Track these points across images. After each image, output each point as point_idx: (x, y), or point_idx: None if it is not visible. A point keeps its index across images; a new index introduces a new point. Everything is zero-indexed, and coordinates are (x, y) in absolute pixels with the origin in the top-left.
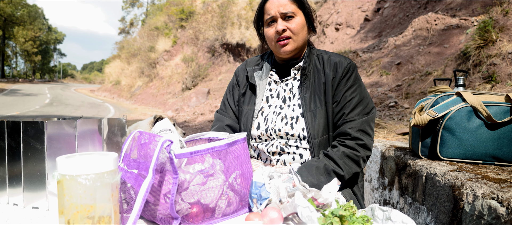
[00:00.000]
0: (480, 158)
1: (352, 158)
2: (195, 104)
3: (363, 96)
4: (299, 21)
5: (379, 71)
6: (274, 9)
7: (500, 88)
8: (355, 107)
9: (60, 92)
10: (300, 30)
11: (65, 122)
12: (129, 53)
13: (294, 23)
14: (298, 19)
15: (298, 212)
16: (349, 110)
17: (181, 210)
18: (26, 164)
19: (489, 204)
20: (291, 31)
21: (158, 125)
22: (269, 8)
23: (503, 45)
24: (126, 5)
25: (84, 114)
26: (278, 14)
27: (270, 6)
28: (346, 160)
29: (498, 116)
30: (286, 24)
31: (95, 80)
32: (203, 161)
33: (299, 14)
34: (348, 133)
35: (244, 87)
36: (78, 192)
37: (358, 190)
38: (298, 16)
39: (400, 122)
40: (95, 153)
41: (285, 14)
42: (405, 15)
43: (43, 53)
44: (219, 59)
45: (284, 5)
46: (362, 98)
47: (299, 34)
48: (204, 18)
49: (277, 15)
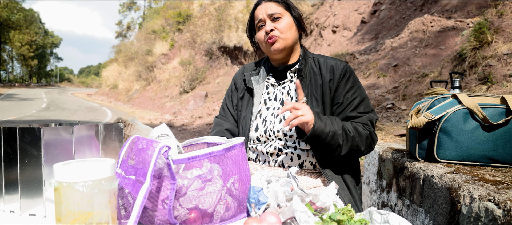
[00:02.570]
0: (477, 160)
1: (360, 130)
2: (193, 108)
3: (364, 97)
4: (286, 21)
5: (376, 73)
6: (262, 13)
7: (496, 89)
8: (357, 107)
9: (57, 96)
10: (287, 29)
11: (62, 128)
12: (126, 57)
13: (281, 23)
14: (285, 18)
15: (296, 217)
16: (350, 110)
17: (179, 215)
18: (23, 170)
19: (486, 206)
20: (279, 30)
21: (155, 130)
22: (258, 13)
23: (499, 46)
24: (123, 9)
25: (81, 119)
26: (266, 16)
27: (259, 11)
28: (357, 126)
29: (494, 117)
30: (273, 25)
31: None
32: (201, 166)
33: (286, 15)
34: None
35: (242, 92)
36: (75, 199)
37: (355, 192)
38: (285, 16)
39: (397, 123)
40: (92, 159)
41: (272, 15)
42: (401, 17)
43: (40, 57)
44: (216, 62)
45: (270, 7)
46: (363, 98)
47: (287, 32)
48: (201, 21)
49: (265, 17)
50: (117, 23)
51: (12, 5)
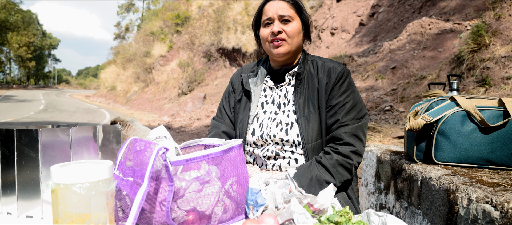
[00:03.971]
0: (474, 162)
1: (345, 166)
2: (191, 109)
3: (357, 101)
4: (295, 26)
5: (375, 75)
6: (273, 10)
7: (494, 92)
8: (349, 112)
9: (55, 98)
10: (295, 35)
11: (59, 130)
12: (124, 59)
13: (290, 26)
14: (295, 23)
15: (294, 219)
16: (342, 115)
17: (177, 217)
18: (20, 172)
19: (483, 208)
20: (287, 34)
21: (153, 132)
22: (268, 9)
23: (496, 49)
24: (121, 10)
25: (79, 120)
26: (276, 15)
27: (269, 7)
28: (339, 168)
29: (492, 120)
30: (282, 27)
31: (91, 85)
32: (199, 168)
33: (296, 19)
34: (341, 137)
35: (239, 94)
36: (72, 201)
37: (353, 194)
38: (295, 21)
39: (395, 125)
40: (89, 161)
41: (282, 17)
42: (399, 19)
43: (38, 59)
44: (215, 64)
45: (282, 8)
46: (356, 103)
47: (294, 38)
48: (199, 23)
49: (274, 16)
50: (115, 25)
51: (10, 6)
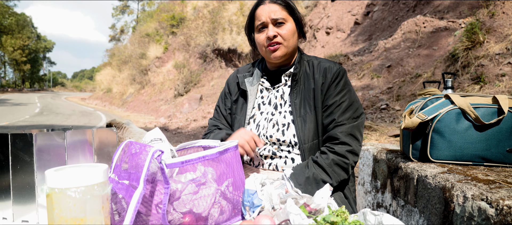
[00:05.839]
0: (470, 160)
1: (341, 166)
2: (188, 111)
3: (353, 101)
4: (289, 28)
5: (370, 74)
6: (265, 15)
7: (488, 89)
8: (345, 111)
9: (51, 101)
10: (290, 36)
11: (54, 133)
12: (120, 61)
13: (284, 29)
14: (289, 25)
15: (290, 219)
16: (338, 114)
17: (173, 220)
18: (15, 177)
19: (478, 206)
20: (282, 37)
21: (148, 135)
22: (260, 14)
23: (490, 46)
24: (116, 12)
25: (75, 123)
26: (269, 19)
27: (261, 12)
28: (335, 168)
29: (486, 117)
30: (276, 30)
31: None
32: (194, 170)
33: (289, 21)
34: (337, 137)
35: (235, 95)
36: (67, 205)
37: (349, 193)
38: (288, 22)
39: (391, 124)
40: (84, 165)
41: (276, 20)
42: (394, 18)
43: (32, 62)
44: (211, 65)
45: (274, 11)
46: (352, 102)
47: (290, 40)
48: (195, 24)
49: (268, 21)
50: (110, 27)
51: (4, 9)
